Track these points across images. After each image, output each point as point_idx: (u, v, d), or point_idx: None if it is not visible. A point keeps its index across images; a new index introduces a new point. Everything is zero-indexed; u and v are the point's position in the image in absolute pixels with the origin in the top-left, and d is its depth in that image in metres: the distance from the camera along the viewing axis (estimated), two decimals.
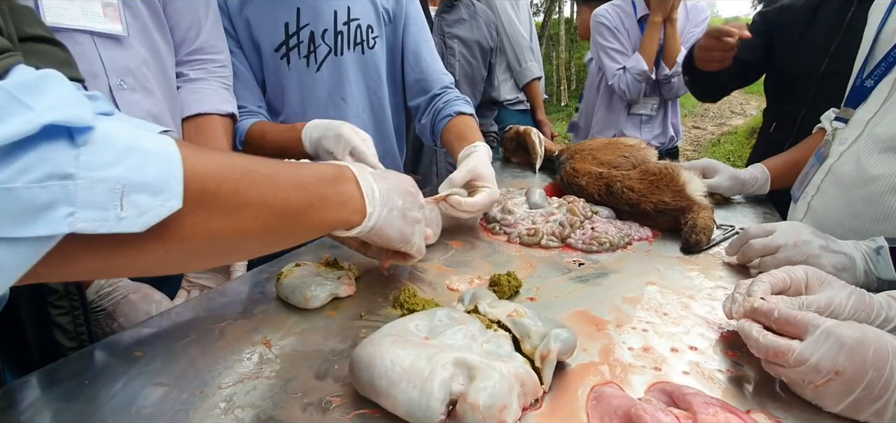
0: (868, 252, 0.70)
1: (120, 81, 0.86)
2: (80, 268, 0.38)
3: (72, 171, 0.34)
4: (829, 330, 0.48)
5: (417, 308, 0.69)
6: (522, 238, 0.94)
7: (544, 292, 0.76)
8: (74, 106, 0.34)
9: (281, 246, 0.55)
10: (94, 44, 0.83)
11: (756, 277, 0.58)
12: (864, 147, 0.81)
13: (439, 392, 0.47)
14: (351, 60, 1.17)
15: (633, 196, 0.99)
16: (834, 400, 0.48)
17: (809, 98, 1.35)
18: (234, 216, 0.44)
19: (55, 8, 0.78)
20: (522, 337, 0.56)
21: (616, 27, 2.07)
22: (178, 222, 0.40)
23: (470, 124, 1.14)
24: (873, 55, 0.86)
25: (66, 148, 0.34)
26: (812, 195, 0.91)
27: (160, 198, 0.38)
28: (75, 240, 0.35)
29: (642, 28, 2.07)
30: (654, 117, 2.14)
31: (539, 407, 0.52)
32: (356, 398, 0.53)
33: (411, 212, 0.68)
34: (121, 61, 0.87)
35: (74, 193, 0.34)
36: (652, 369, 0.58)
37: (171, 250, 0.41)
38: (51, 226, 0.33)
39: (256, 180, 0.47)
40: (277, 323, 0.68)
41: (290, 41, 1.11)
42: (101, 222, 0.35)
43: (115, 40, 0.86)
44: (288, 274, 0.74)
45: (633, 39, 2.07)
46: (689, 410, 0.46)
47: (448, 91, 1.23)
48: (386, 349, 0.51)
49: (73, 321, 0.71)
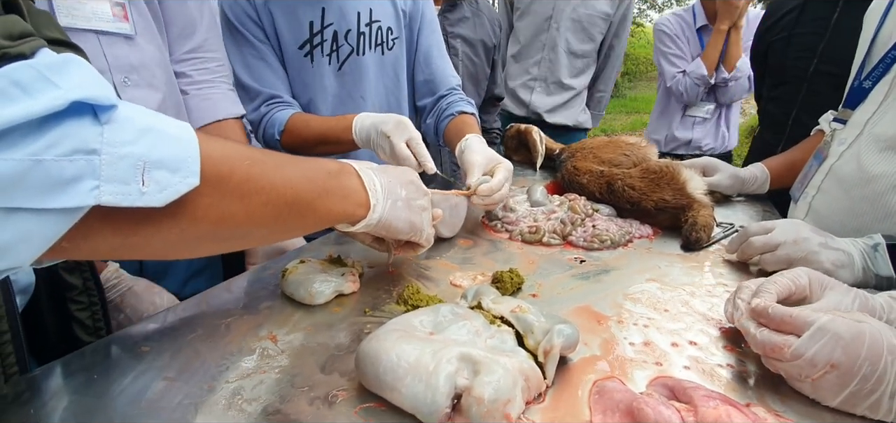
0: (866, 249, 0.71)
1: (124, 77, 0.88)
2: (101, 243, 0.39)
3: (97, 146, 0.35)
4: (824, 326, 0.49)
5: (421, 304, 0.69)
6: (524, 236, 0.95)
7: (546, 289, 0.77)
8: (98, 86, 0.36)
9: (288, 235, 0.56)
10: (98, 42, 0.84)
11: (761, 285, 0.58)
12: (864, 146, 0.82)
13: (444, 386, 0.48)
14: (371, 61, 1.19)
15: (634, 194, 1.00)
16: (830, 394, 0.49)
17: (800, 99, 1.37)
18: (245, 201, 0.46)
19: (67, 9, 0.79)
20: (526, 333, 0.57)
21: (676, 34, 2.14)
22: (194, 202, 0.42)
23: (468, 122, 1.17)
24: (870, 57, 0.87)
25: (92, 125, 0.35)
26: (813, 195, 0.92)
27: (179, 175, 0.40)
28: (97, 215, 0.36)
29: (701, 37, 2.12)
30: (708, 120, 2.16)
31: (542, 401, 0.53)
32: (362, 392, 0.54)
33: (416, 201, 0.69)
34: (125, 59, 0.88)
35: (99, 168, 0.35)
36: (653, 364, 0.58)
37: (185, 229, 0.43)
38: (78, 198, 0.35)
39: (266, 168, 0.48)
40: (283, 319, 0.69)
41: (314, 39, 1.13)
42: (125, 195, 0.37)
43: (121, 38, 0.87)
44: (293, 271, 0.75)
45: (692, 47, 2.12)
46: (690, 403, 0.47)
47: (453, 92, 1.26)
48: (391, 344, 0.52)
49: (91, 317, 0.72)
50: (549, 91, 2.17)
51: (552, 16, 2.06)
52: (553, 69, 2.12)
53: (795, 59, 1.35)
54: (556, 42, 2.09)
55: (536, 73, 2.15)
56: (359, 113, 1.06)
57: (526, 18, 2.13)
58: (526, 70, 2.18)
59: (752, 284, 0.60)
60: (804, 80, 1.33)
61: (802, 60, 1.33)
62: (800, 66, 1.34)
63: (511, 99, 2.22)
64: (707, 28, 2.09)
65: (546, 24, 2.08)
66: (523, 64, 2.18)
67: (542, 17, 2.08)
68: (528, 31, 2.13)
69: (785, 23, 1.39)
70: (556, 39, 2.08)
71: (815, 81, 1.31)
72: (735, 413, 0.43)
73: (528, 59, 2.17)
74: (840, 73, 0.98)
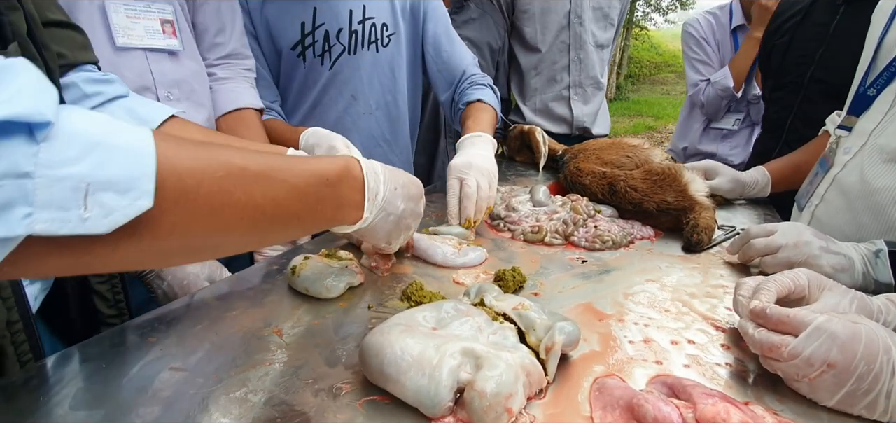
0: (867, 255, 0.72)
1: (168, 92, 0.90)
2: (50, 267, 0.36)
3: (29, 169, 0.31)
4: (821, 326, 0.49)
5: (424, 300, 0.70)
6: (526, 235, 0.96)
7: (548, 288, 0.77)
8: (34, 98, 0.32)
9: (269, 243, 0.54)
10: (146, 58, 0.87)
11: (761, 284, 0.59)
12: (867, 158, 0.82)
13: (447, 380, 0.49)
14: (365, 59, 1.19)
15: (637, 196, 1.01)
16: (827, 393, 0.49)
17: (797, 105, 1.37)
18: (216, 216, 0.43)
19: (124, 28, 0.82)
20: (527, 329, 0.58)
21: (704, 37, 1.92)
22: (154, 220, 0.38)
23: (472, 114, 1.13)
24: (875, 64, 0.87)
25: (25, 144, 0.31)
26: (816, 205, 0.92)
27: (129, 196, 0.35)
28: (39, 240, 0.33)
29: (736, 39, 1.88)
30: (736, 133, 1.93)
31: (543, 397, 0.54)
32: (366, 385, 0.54)
33: (406, 219, 0.69)
34: (170, 74, 0.91)
35: (32, 193, 0.32)
36: (653, 362, 0.59)
37: (148, 248, 0.39)
38: (7, 227, 0.31)
39: (243, 179, 0.45)
40: (288, 313, 0.70)
41: (305, 40, 1.14)
42: (63, 222, 0.33)
43: (167, 54, 0.90)
44: (303, 267, 0.76)
45: (724, 51, 1.89)
46: (690, 400, 0.47)
47: (465, 77, 1.23)
48: (395, 338, 0.52)
49: (111, 290, 0.74)
50: (586, 97, 1.88)
51: (571, 8, 1.77)
52: (587, 69, 1.84)
53: (794, 64, 1.36)
54: (582, 38, 1.80)
55: (568, 79, 1.85)
56: (350, 112, 1.07)
57: (539, 19, 1.82)
58: (554, 79, 1.86)
59: (751, 280, 0.61)
60: (801, 85, 1.34)
61: (801, 66, 1.34)
62: (798, 71, 1.34)
63: (545, 117, 1.90)
64: (744, 28, 1.84)
65: (566, 19, 1.79)
66: (548, 73, 1.86)
67: (561, 13, 1.78)
68: (546, 34, 1.82)
69: (789, 26, 1.39)
70: (582, 35, 1.79)
71: (810, 87, 1.31)
72: (733, 410, 0.44)
73: (553, 66, 1.86)
74: (832, 82, 0.99)
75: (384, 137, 1.26)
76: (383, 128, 1.25)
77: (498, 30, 1.80)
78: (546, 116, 1.91)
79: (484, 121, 1.11)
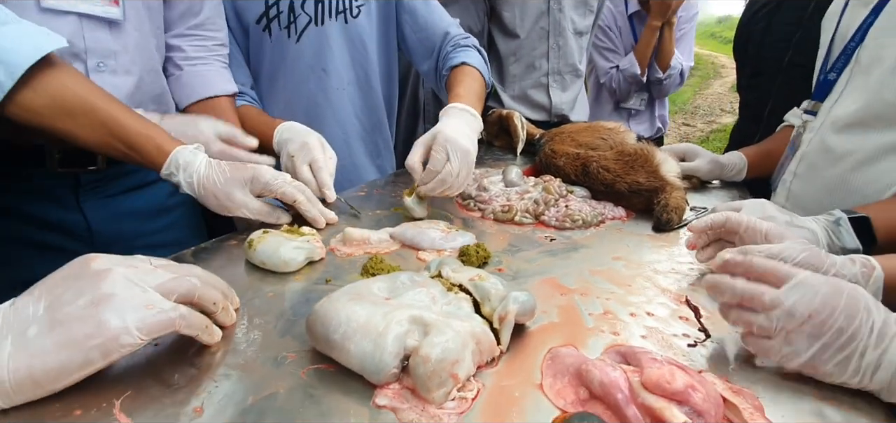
0: (828, 225, 0.71)
1: (99, 62, 0.85)
2: None
3: None
4: (805, 279, 0.49)
5: (382, 273, 0.69)
6: (496, 214, 0.95)
7: (513, 264, 0.76)
8: None
9: None
10: (80, 24, 0.82)
11: None
12: (827, 129, 0.85)
13: (393, 346, 0.48)
14: (334, 30, 1.15)
15: (609, 176, 1.00)
16: (803, 345, 0.48)
17: (775, 89, 1.37)
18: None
19: None
20: (482, 300, 0.57)
21: (609, 26, 2.06)
22: None
23: (458, 80, 1.08)
24: (831, 52, 0.91)
25: None
26: (790, 182, 0.95)
27: None
28: None
29: (633, 24, 2.04)
30: (643, 112, 2.18)
31: (495, 366, 0.53)
32: (313, 355, 0.53)
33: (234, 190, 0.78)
34: (104, 44, 0.85)
35: None
36: (610, 333, 0.58)
37: None
38: None
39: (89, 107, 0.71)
40: (245, 286, 0.68)
41: (270, 12, 1.10)
42: None
43: (104, 23, 0.84)
44: (261, 240, 0.74)
45: (625, 37, 2.07)
46: (639, 366, 0.47)
47: (448, 39, 1.18)
48: (342, 305, 0.51)
49: None
50: (564, 84, 1.86)
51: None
52: (566, 57, 1.83)
53: (772, 48, 1.36)
54: (561, 25, 1.78)
55: (547, 66, 1.84)
56: (322, 88, 1.04)
57: (518, 4, 1.78)
58: (532, 66, 1.84)
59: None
60: (779, 70, 1.34)
61: (778, 50, 1.34)
62: (775, 56, 1.34)
63: (524, 104, 1.88)
64: (640, 14, 2.03)
65: (546, 4, 1.76)
66: (527, 59, 1.84)
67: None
68: (525, 19, 1.79)
69: (765, 12, 1.39)
70: (562, 21, 1.78)
71: (789, 72, 1.31)
72: (678, 373, 0.43)
73: (532, 52, 1.83)
74: (810, 66, 1.00)
75: (357, 114, 1.23)
76: (356, 104, 1.22)
77: (478, 13, 1.77)
78: (525, 102, 1.89)
79: (471, 89, 1.05)
